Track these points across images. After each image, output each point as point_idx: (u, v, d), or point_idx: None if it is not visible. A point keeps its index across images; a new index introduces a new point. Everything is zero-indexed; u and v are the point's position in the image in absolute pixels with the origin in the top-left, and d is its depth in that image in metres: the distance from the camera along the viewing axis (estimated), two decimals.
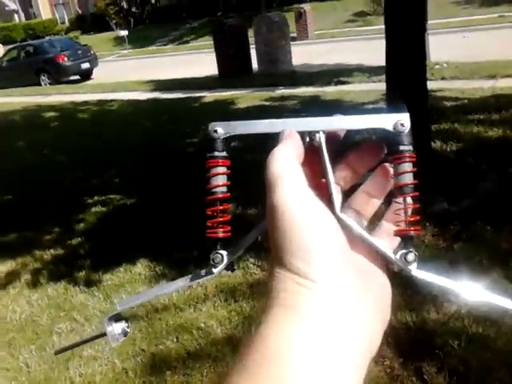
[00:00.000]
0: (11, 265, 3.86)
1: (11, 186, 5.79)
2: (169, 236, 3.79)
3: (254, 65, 11.47)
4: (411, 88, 3.82)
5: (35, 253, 3.96)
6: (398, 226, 0.39)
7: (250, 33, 11.50)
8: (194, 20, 25.90)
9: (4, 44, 25.03)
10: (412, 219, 0.39)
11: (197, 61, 15.18)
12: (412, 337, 2.36)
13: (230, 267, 0.41)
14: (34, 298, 3.31)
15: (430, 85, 7.08)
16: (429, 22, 9.61)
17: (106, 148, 6.84)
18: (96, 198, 4.96)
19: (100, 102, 10.74)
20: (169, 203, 4.44)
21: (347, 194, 0.42)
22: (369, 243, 0.38)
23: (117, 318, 0.42)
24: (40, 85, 15.56)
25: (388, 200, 0.41)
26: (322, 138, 0.39)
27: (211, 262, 0.40)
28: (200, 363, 2.44)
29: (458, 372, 2.11)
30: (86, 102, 11.01)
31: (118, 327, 0.41)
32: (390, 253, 0.38)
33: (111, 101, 10.70)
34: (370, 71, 9.00)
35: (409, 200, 0.39)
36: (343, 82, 8.94)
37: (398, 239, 0.40)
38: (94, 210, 4.72)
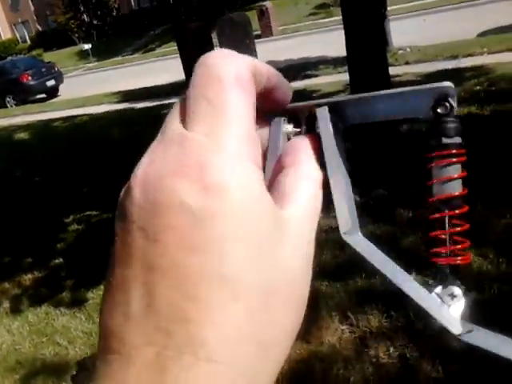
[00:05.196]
0: None
1: None
2: None
3: None
4: (373, 75, 3.86)
5: (13, 278, 3.89)
6: (435, 254, 0.28)
7: (214, 35, 11.49)
8: (157, 27, 25.75)
9: None
10: (460, 246, 0.27)
11: (164, 67, 15.08)
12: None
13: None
14: (14, 326, 3.25)
15: (395, 70, 7.20)
16: (389, 7, 9.75)
17: (79, 164, 6.75)
18: (72, 216, 4.89)
19: (69, 118, 10.60)
20: None
21: None
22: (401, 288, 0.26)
23: None
24: (6, 107, 15.31)
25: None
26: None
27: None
28: None
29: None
30: (54, 120, 10.86)
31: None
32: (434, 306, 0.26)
33: (80, 116, 10.57)
34: (335, 62, 9.06)
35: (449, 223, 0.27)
36: (310, 76, 8.98)
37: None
38: (71, 228, 4.65)
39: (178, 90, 10.75)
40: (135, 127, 8.31)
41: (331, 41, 11.43)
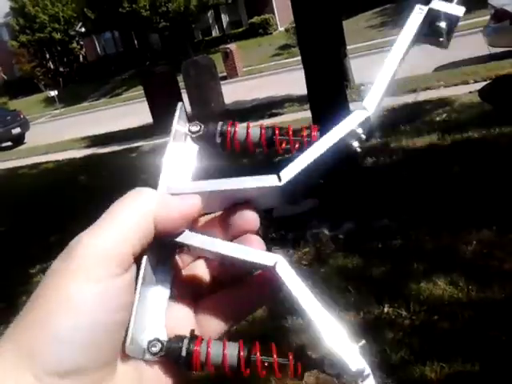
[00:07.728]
0: None
1: None
2: None
3: (188, 108, 11.56)
4: (333, 111, 3.94)
5: None
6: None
7: (180, 78, 11.63)
8: (123, 72, 25.97)
9: None
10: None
11: (131, 111, 15.12)
12: None
13: None
14: None
15: (358, 105, 7.38)
16: (349, 46, 10.10)
17: (45, 212, 6.60)
18: (38, 266, 4.73)
19: (35, 166, 10.43)
20: None
21: None
22: None
23: None
24: None
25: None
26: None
27: None
28: None
29: None
30: (20, 168, 10.67)
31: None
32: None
33: (47, 162, 10.42)
34: (300, 100, 9.26)
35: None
36: (276, 114, 9.14)
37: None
38: (36, 279, 4.49)
39: (145, 132, 10.76)
40: (102, 172, 8.22)
41: (295, 79, 11.68)
